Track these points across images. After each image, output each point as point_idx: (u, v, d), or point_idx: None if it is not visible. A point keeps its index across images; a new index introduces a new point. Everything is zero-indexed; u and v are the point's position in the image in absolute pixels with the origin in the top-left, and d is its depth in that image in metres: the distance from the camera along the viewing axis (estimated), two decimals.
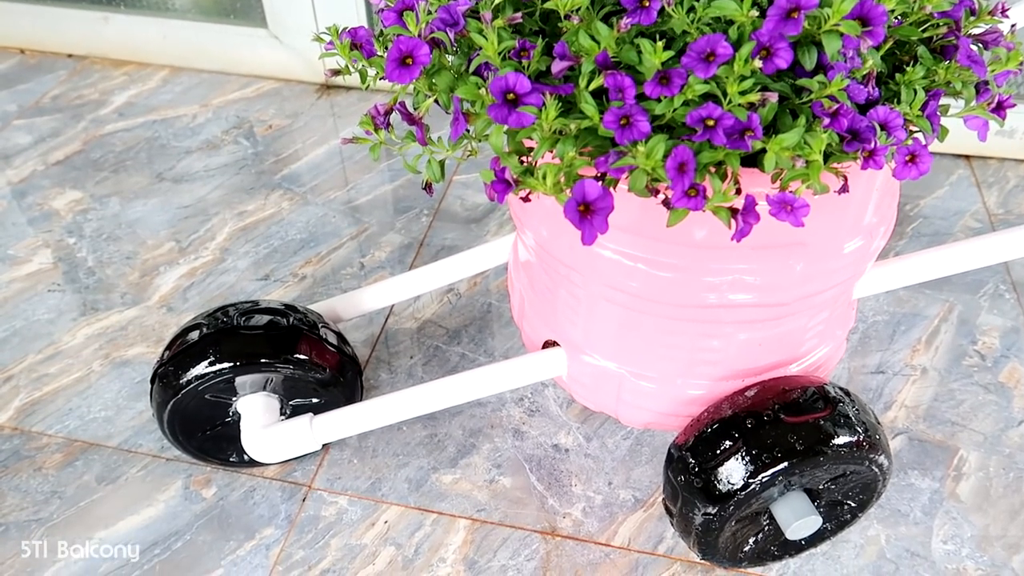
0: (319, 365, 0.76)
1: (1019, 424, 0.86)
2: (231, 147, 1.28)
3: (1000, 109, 0.51)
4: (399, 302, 1.01)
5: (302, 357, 0.75)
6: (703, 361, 0.67)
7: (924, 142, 0.52)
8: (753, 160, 0.51)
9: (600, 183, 0.47)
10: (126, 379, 0.92)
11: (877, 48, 0.52)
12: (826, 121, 0.47)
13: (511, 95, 0.48)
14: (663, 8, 0.49)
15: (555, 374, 0.75)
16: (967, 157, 1.23)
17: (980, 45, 0.54)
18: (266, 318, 0.76)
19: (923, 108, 0.51)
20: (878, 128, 0.49)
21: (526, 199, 0.51)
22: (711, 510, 0.64)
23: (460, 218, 1.14)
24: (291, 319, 0.76)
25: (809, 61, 0.49)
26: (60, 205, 1.17)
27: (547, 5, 0.51)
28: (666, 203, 0.48)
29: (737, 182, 0.50)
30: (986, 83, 0.52)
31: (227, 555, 0.76)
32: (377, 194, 1.19)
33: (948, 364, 0.92)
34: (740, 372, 0.68)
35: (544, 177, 0.46)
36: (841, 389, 0.67)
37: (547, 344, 0.75)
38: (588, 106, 0.47)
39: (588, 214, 0.46)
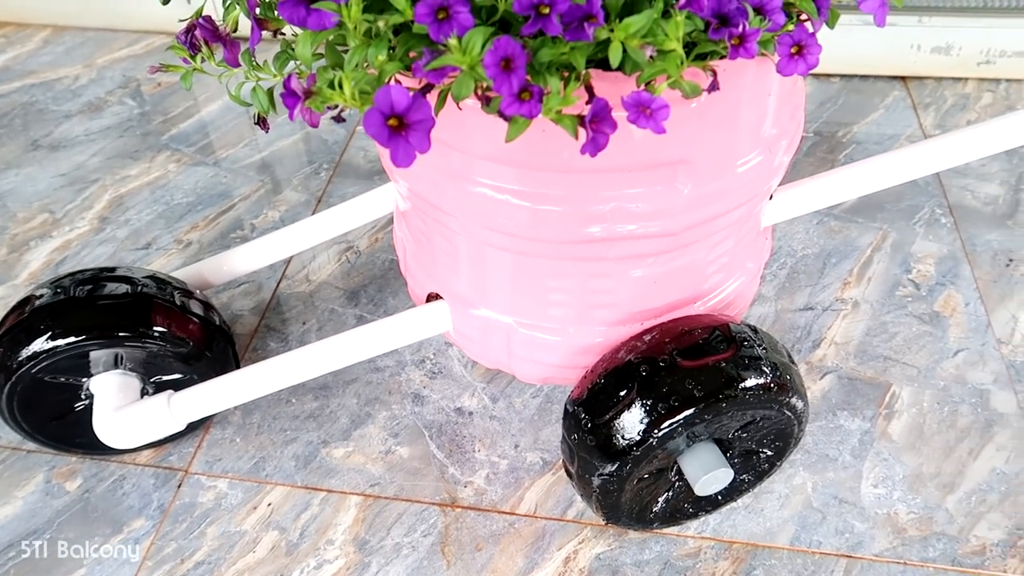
0: (179, 338, 0.67)
1: (955, 354, 0.80)
2: (115, 108, 1.18)
3: None
4: (279, 261, 0.93)
5: (158, 329, 0.67)
6: (595, 305, 0.60)
7: (812, 29, 0.45)
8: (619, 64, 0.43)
9: (415, 92, 0.38)
10: None
11: None
12: (680, 1, 0.39)
13: None
14: None
15: (440, 330, 0.67)
16: (903, 78, 1.16)
17: None
18: (111, 286, 0.67)
19: None
20: (751, 11, 0.41)
21: (338, 119, 0.42)
22: (608, 469, 0.57)
23: (363, 171, 1.05)
24: (140, 287, 0.67)
25: None
26: None
27: None
28: (503, 114, 0.40)
29: (588, 84, 0.42)
30: None
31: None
32: (274, 149, 1.09)
33: (881, 296, 0.86)
34: (637, 315, 0.61)
35: (339, 85, 0.38)
36: (749, 327, 0.60)
37: (430, 297, 0.68)
38: None
39: (401, 129, 0.38)
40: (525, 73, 0.38)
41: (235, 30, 0.49)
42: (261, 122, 0.53)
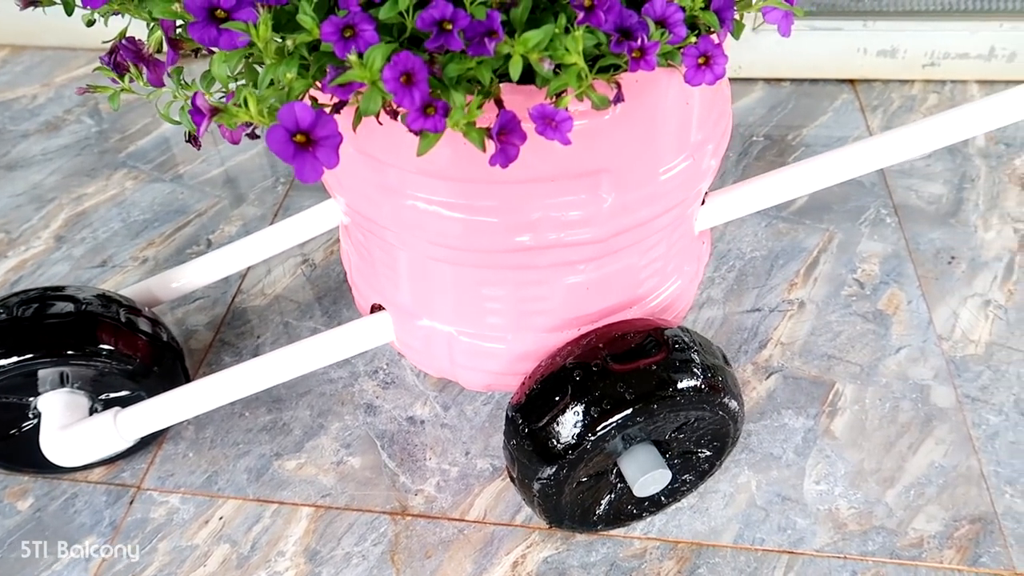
0: (126, 355, 0.68)
1: (897, 351, 0.82)
2: (73, 127, 1.18)
3: None
4: (234, 275, 0.93)
5: (104, 347, 0.67)
6: (531, 312, 0.61)
7: (717, 40, 0.46)
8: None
9: (321, 108, 0.39)
10: None
11: None
12: (580, 16, 0.40)
13: (218, 11, 0.41)
14: None
15: (383, 340, 0.68)
16: (851, 81, 1.18)
17: None
18: (57, 305, 0.67)
19: (709, 1, 0.45)
20: (652, 25, 0.42)
21: (252, 135, 0.43)
22: (546, 473, 0.58)
23: (320, 184, 1.06)
24: (85, 305, 0.68)
25: None
26: None
27: None
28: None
29: (497, 97, 0.44)
30: None
31: (41, 572, 0.69)
32: (232, 164, 1.10)
33: (826, 296, 0.88)
34: (573, 320, 0.62)
35: (245, 103, 0.39)
36: (682, 330, 0.61)
37: (374, 308, 0.68)
38: (306, 17, 0.40)
39: (309, 145, 0.39)
40: (427, 87, 0.39)
41: (159, 51, 0.49)
42: (192, 139, 0.54)
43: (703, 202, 0.65)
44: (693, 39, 0.44)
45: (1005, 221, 0.95)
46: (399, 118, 0.41)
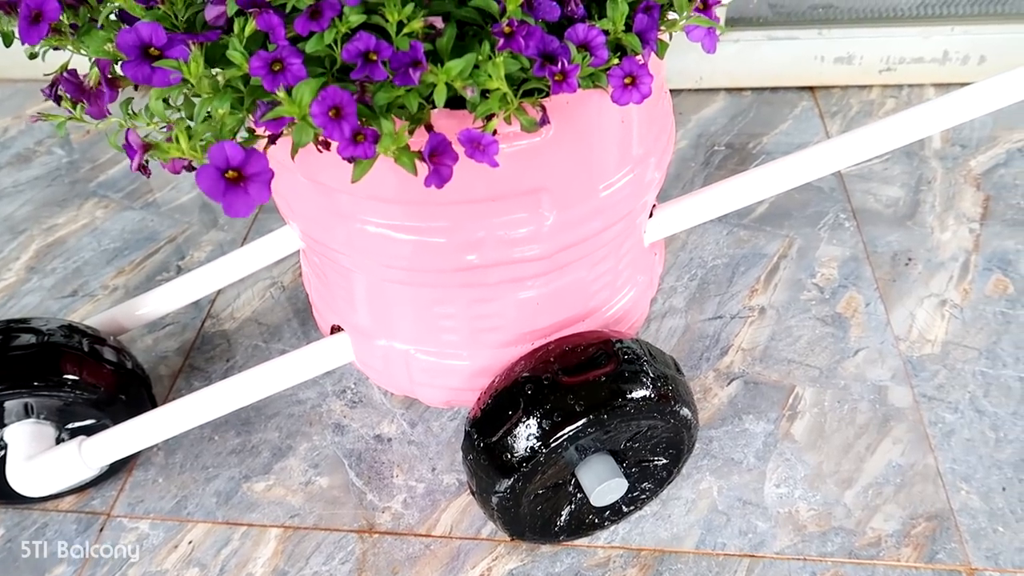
0: (90, 384, 0.69)
1: (855, 353, 0.83)
2: (44, 158, 1.19)
3: (707, 9, 0.47)
4: (204, 299, 0.94)
5: (68, 377, 0.68)
6: (484, 328, 0.62)
7: (643, 61, 0.48)
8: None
9: (248, 143, 0.41)
10: None
11: None
12: (500, 42, 0.41)
13: (151, 49, 0.42)
14: None
15: (343, 361, 0.69)
16: (811, 88, 1.20)
17: None
18: (21, 337, 0.68)
19: (631, 23, 0.46)
20: (573, 49, 0.44)
21: (189, 168, 0.44)
22: (502, 486, 0.59)
23: None
24: (48, 337, 0.69)
25: None
26: None
27: None
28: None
29: (427, 123, 0.45)
30: None
31: None
32: (200, 191, 1.11)
33: (786, 301, 0.89)
34: (526, 335, 0.63)
35: (177, 139, 0.40)
36: (635, 341, 0.62)
37: (334, 329, 0.69)
38: (236, 53, 0.41)
39: (240, 181, 0.40)
40: (356, 119, 0.40)
41: (99, 84, 0.50)
42: (141, 168, 0.55)
43: (651, 214, 0.67)
44: (616, 61, 0.45)
45: (961, 221, 0.97)
46: (331, 147, 0.43)
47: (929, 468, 0.73)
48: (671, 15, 0.49)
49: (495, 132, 0.45)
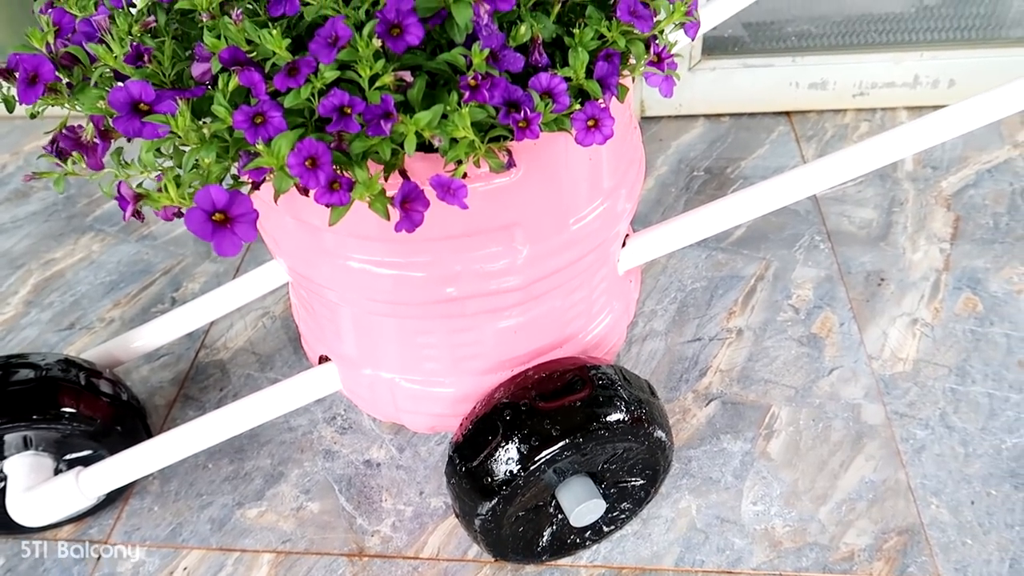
0: (87, 416, 0.71)
1: (829, 373, 0.86)
2: (42, 194, 1.22)
3: (660, 62, 0.50)
4: (198, 331, 0.97)
5: (66, 410, 0.70)
6: (464, 357, 0.65)
7: (604, 104, 0.51)
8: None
9: (233, 188, 0.43)
10: None
11: (537, 12, 0.49)
12: (466, 94, 0.44)
13: (140, 104, 0.45)
14: None
15: (331, 389, 0.71)
16: (787, 114, 1.24)
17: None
18: (19, 372, 0.71)
19: (592, 70, 0.49)
20: (536, 97, 0.47)
21: (179, 214, 0.47)
22: (484, 509, 0.62)
23: None
24: (45, 371, 0.71)
25: (458, 34, 0.47)
26: None
27: (179, 5, 0.47)
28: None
29: (402, 168, 0.48)
30: (655, 38, 0.51)
31: None
32: None
33: (763, 322, 0.92)
34: (505, 363, 0.66)
35: (167, 188, 0.43)
36: (610, 367, 0.65)
37: (322, 359, 0.72)
38: (220, 107, 0.44)
39: (227, 222, 0.43)
40: (331, 169, 0.43)
41: (95, 138, 0.53)
42: (136, 214, 0.58)
43: (624, 243, 0.69)
44: (578, 106, 0.48)
45: (932, 241, 1.00)
46: (309, 193, 0.45)
47: (900, 483, 0.76)
48: (632, 60, 0.52)
49: (465, 175, 0.48)
